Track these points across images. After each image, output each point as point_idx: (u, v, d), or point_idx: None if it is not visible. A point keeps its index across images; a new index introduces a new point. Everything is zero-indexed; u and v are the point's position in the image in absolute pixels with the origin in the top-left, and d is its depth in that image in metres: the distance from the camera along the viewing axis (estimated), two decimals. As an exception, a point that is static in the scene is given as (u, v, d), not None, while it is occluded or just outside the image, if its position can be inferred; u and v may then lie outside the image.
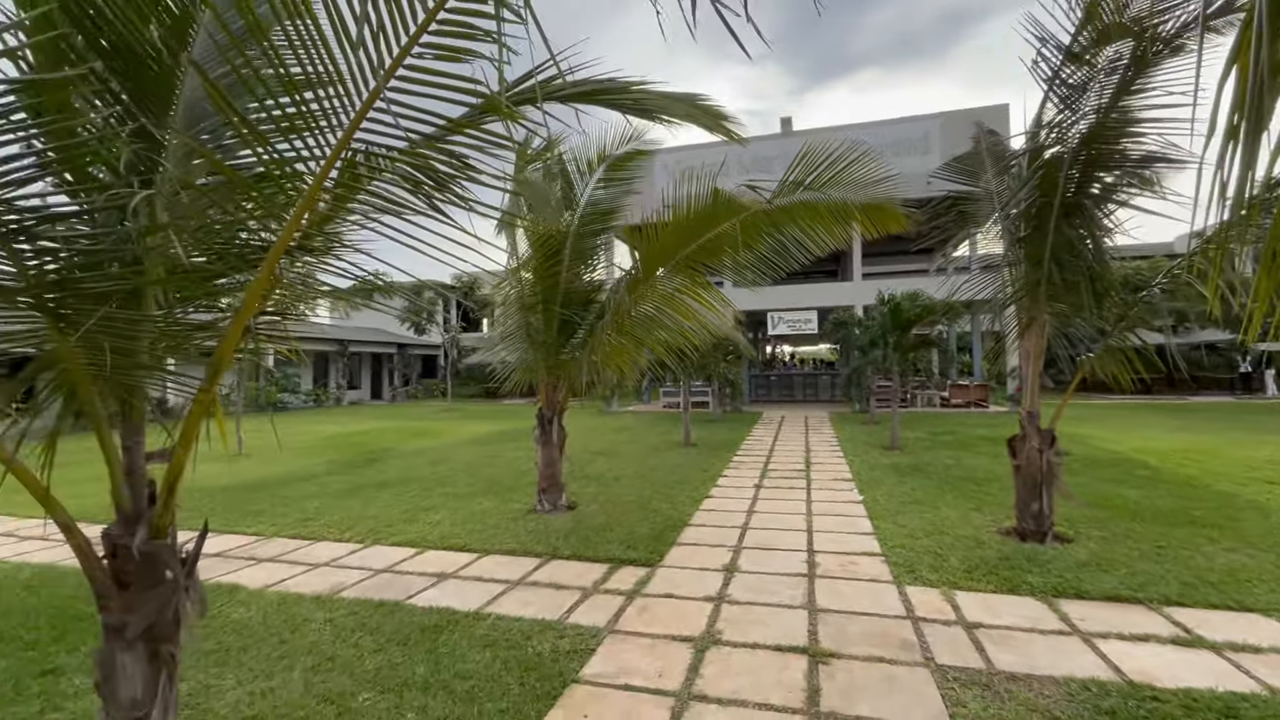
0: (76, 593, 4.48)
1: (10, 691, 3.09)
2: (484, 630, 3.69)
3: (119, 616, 2.38)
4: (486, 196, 2.87)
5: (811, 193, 5.22)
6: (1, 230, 1.86)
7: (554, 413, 6.95)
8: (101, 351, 2.16)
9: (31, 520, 6.90)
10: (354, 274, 2.56)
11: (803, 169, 5.10)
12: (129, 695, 2.39)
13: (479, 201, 2.33)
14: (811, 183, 5.17)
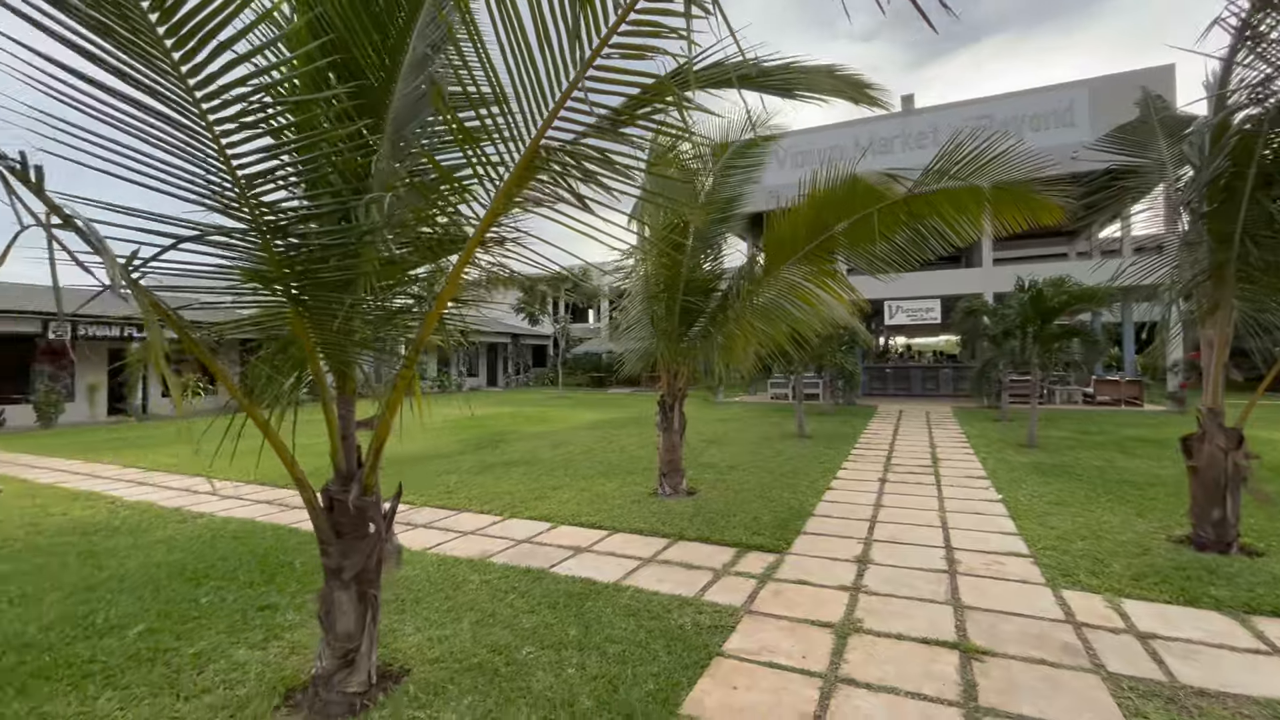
0: (274, 544, 5.21)
1: (240, 621, 3.67)
2: (625, 601, 3.89)
3: (337, 561, 2.75)
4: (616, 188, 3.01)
5: (956, 182, 4.93)
6: (265, 229, 2.21)
7: (675, 400, 7.09)
8: (327, 331, 2.50)
9: (224, 481, 8.04)
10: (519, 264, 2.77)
11: (948, 158, 4.83)
12: (344, 629, 2.76)
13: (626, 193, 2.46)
14: (957, 172, 4.88)
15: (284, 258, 2.34)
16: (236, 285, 2.40)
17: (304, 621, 3.66)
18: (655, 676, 2.95)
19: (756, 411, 16.85)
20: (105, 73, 1.85)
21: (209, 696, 2.85)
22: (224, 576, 4.42)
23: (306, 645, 3.35)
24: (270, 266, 2.33)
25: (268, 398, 2.92)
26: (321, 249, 2.40)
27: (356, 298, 2.66)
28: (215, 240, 2.19)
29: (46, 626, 3.62)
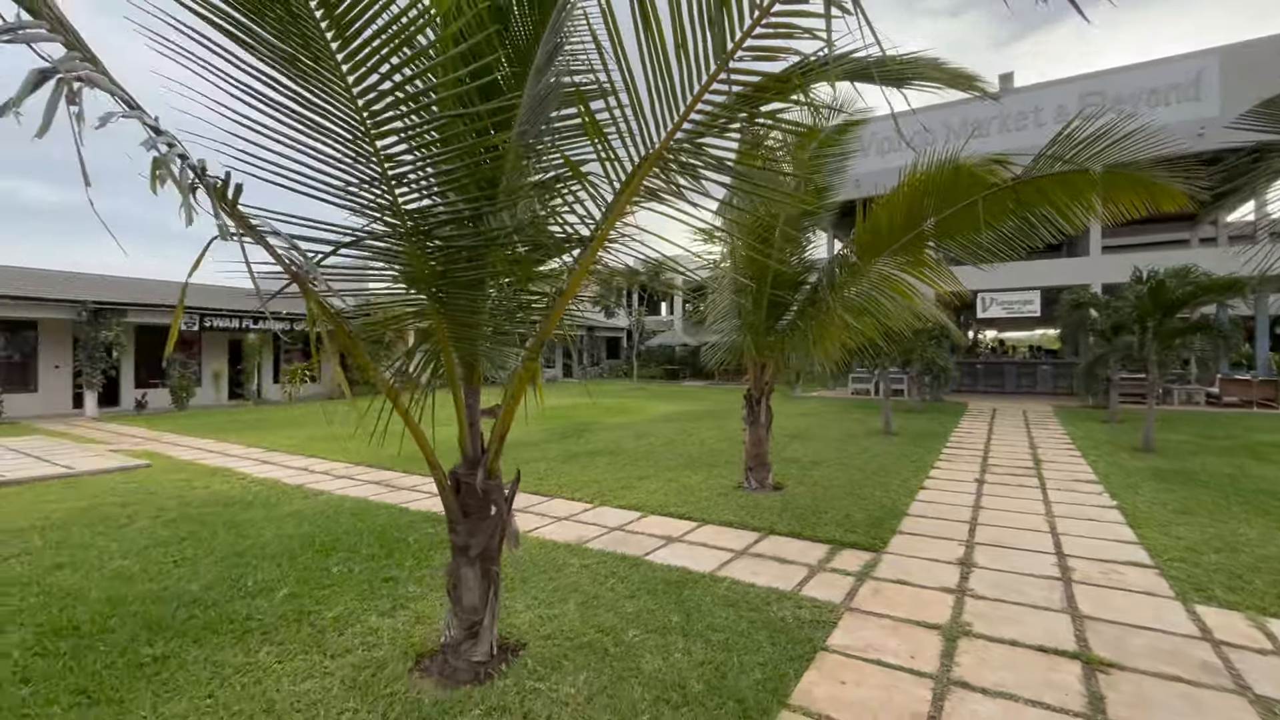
0: (388, 521, 5.62)
1: (368, 590, 4.01)
2: (723, 591, 3.96)
3: (464, 538, 2.95)
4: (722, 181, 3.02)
5: (1071, 166, 4.62)
6: (414, 234, 2.40)
7: (761, 394, 7.06)
8: (460, 326, 2.68)
9: (335, 462, 8.71)
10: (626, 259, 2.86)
11: (1064, 141, 4.53)
12: (470, 602, 2.96)
13: (737, 188, 2.49)
14: (1073, 156, 4.57)
15: (427, 260, 2.54)
16: (389, 285, 2.63)
17: (424, 594, 3.95)
18: (761, 666, 3.00)
19: (837, 407, 16.44)
20: (286, 98, 2.08)
21: (351, 656, 3.14)
22: (349, 549, 4.82)
23: (429, 615, 3.62)
24: (416, 268, 2.53)
25: (409, 386, 3.16)
26: (458, 251, 2.58)
27: (485, 295, 2.85)
28: (371, 245, 2.41)
29: (207, 586, 4.09)
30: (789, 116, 3.02)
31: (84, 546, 4.94)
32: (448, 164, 2.36)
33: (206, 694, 2.80)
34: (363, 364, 2.70)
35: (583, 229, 2.74)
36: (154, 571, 4.37)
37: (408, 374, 3.16)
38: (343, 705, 2.71)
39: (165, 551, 4.81)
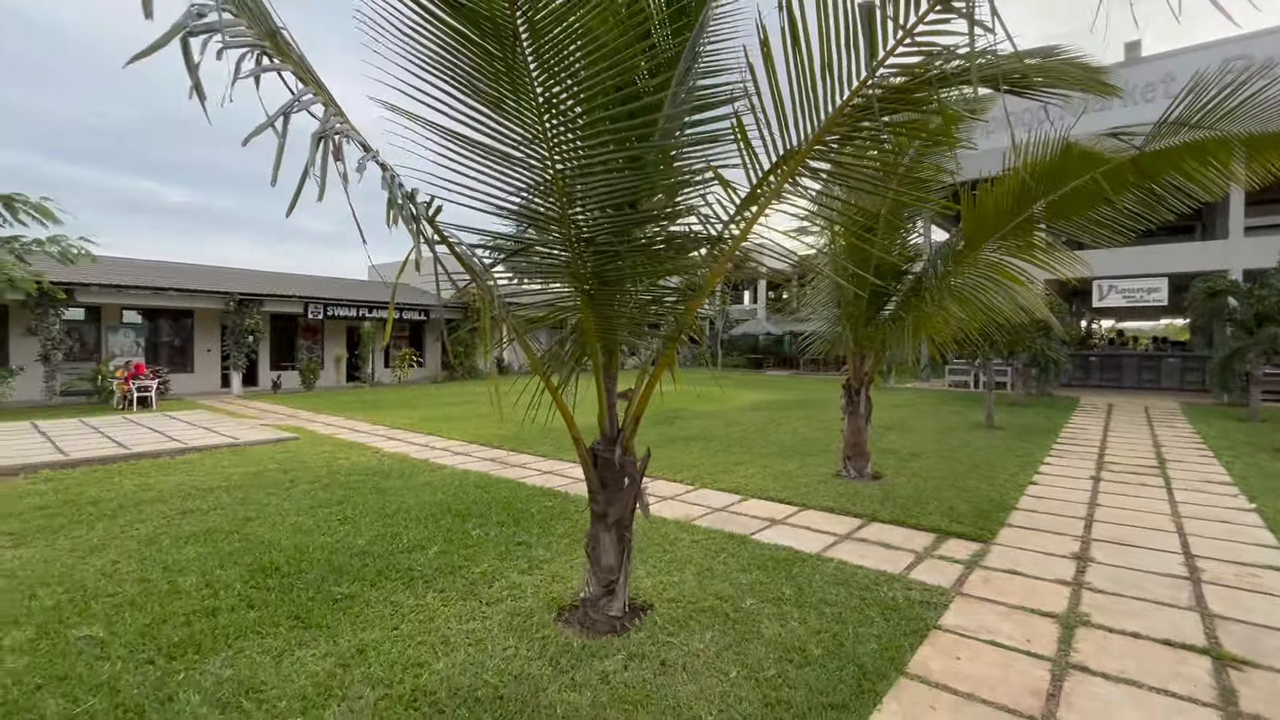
0: (509, 494, 6.17)
1: (506, 551, 4.50)
2: (831, 570, 4.15)
3: (603, 507, 3.32)
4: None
5: (1201, 132, 4.33)
6: (576, 240, 2.75)
7: (861, 384, 7.09)
8: (604, 319, 3.02)
9: (450, 440, 9.49)
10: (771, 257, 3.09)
11: (1189, 104, 4.23)
12: (607, 563, 3.33)
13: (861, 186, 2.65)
14: (1200, 120, 4.28)
15: (583, 262, 2.89)
16: (547, 283, 3.02)
17: (553, 557, 4.40)
18: (876, 638, 3.19)
19: (932, 399, 15.90)
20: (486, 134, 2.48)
21: (502, 605, 3.61)
22: (481, 516, 5.38)
23: (562, 575, 4.05)
24: (574, 269, 2.90)
25: (559, 371, 3.56)
26: (609, 253, 2.91)
27: (626, 290, 3.18)
28: (540, 250, 2.79)
29: (371, 541, 4.73)
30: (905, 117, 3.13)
31: (262, 504, 5.79)
32: (607, 183, 2.69)
33: (392, 626, 3.34)
34: (525, 348, 3.09)
35: (712, 230, 3.01)
36: (325, 527, 5.08)
37: (561, 361, 3.54)
38: (504, 642, 3.16)
39: (329, 512, 5.55)
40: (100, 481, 6.69)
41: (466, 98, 2.46)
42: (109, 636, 3.21)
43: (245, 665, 2.94)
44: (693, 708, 2.59)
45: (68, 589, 3.83)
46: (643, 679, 2.80)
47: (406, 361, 21.63)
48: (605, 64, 2.36)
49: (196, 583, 3.93)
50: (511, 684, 2.77)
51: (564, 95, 2.46)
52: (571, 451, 8.50)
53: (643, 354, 3.43)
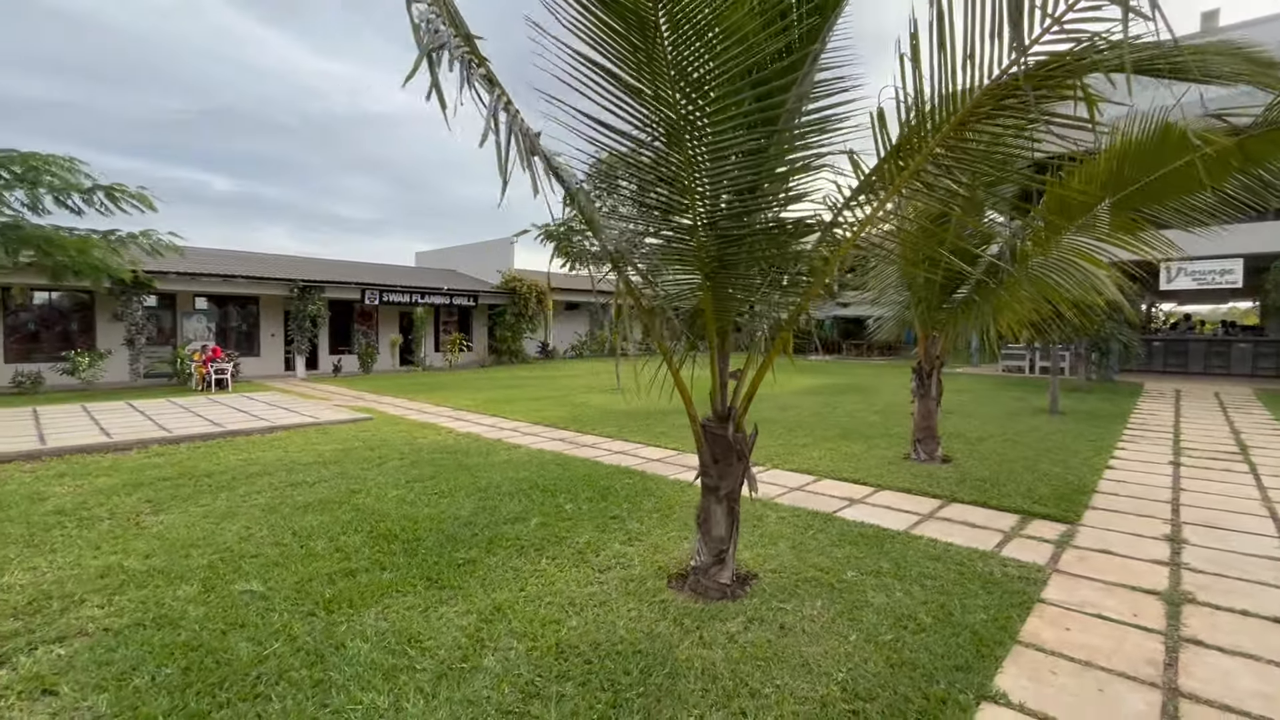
0: (588, 472, 6.42)
1: (602, 524, 4.74)
2: (922, 546, 4.27)
3: (715, 480, 3.50)
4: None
5: None
6: (704, 224, 2.90)
7: (931, 367, 7.10)
8: (722, 302, 3.17)
9: (517, 421, 9.82)
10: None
11: None
12: (718, 533, 3.51)
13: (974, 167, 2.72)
14: None
15: (707, 248, 3.05)
16: (676, 269, 3.19)
17: (649, 530, 4.61)
18: (984, 609, 3.31)
19: (987, 384, 15.64)
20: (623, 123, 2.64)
21: (614, 572, 3.84)
22: (569, 492, 5.64)
23: (663, 546, 4.26)
24: (698, 255, 3.05)
25: (679, 351, 3.73)
26: (731, 239, 3.06)
27: (742, 275, 3.32)
28: (667, 236, 2.96)
29: (472, 513, 5.02)
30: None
31: (360, 478, 6.16)
32: (735, 168, 2.83)
33: (518, 588, 3.60)
34: (652, 330, 3.27)
35: (826, 216, 3.13)
36: (425, 500, 5.41)
37: (680, 341, 3.70)
38: (626, 605, 3.38)
39: (424, 486, 5.89)
40: (206, 456, 7.19)
41: (611, 88, 2.62)
42: (268, 591, 3.55)
43: (397, 619, 3.23)
44: (821, 665, 2.76)
45: (215, 550, 4.21)
46: (767, 639, 2.99)
47: (457, 346, 22.21)
48: (737, 50, 2.49)
49: (327, 547, 4.27)
50: (645, 641, 2.98)
51: (698, 83, 2.59)
52: (637, 433, 8.73)
53: (758, 335, 3.57)
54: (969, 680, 2.65)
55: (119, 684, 2.64)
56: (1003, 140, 2.59)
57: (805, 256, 3.19)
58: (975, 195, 6.24)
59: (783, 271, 3.35)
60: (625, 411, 10.95)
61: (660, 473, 6.45)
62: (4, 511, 5.03)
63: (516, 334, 23.70)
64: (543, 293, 23.71)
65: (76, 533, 4.55)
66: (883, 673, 2.71)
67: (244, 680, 2.66)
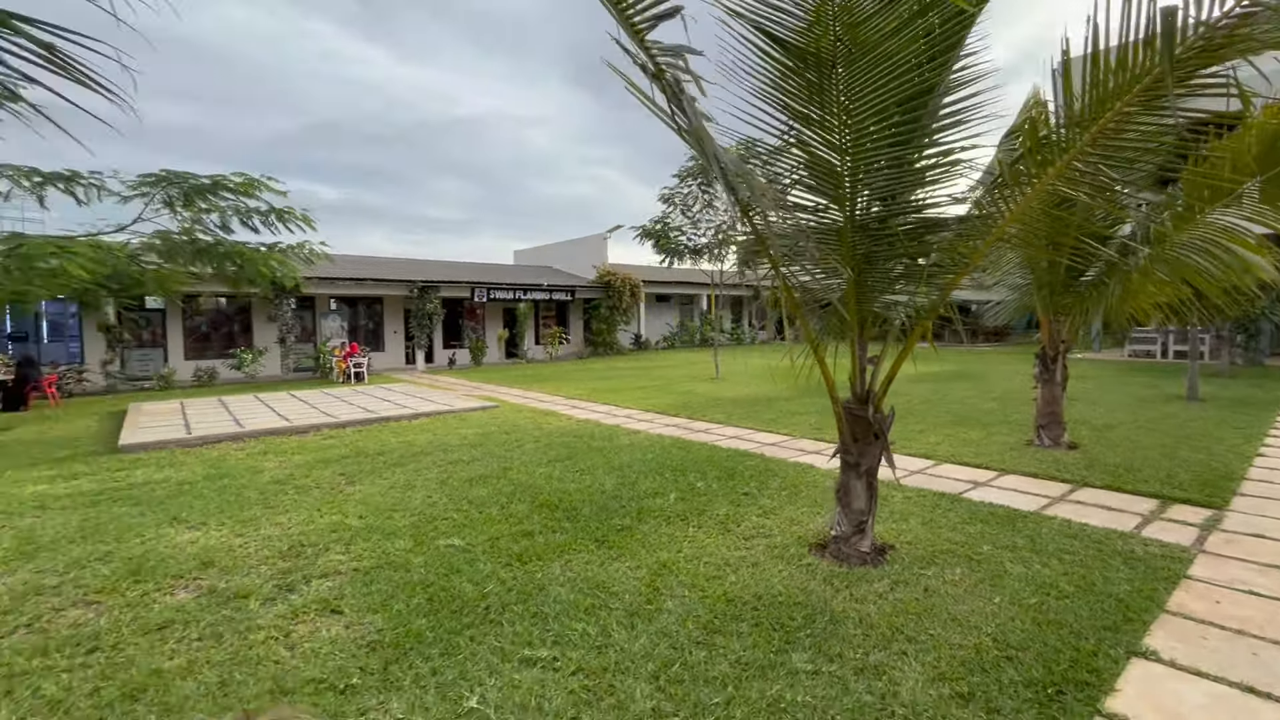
0: (709, 454, 6.87)
1: (735, 500, 5.17)
2: (1056, 526, 4.39)
3: (855, 458, 3.82)
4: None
5: None
6: (855, 225, 3.23)
7: (1056, 351, 6.98)
8: (864, 292, 3.48)
9: (630, 409, 10.42)
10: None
11: None
12: (858, 506, 3.84)
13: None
14: None
15: (857, 242, 3.38)
16: (824, 266, 3.55)
17: (780, 506, 4.99)
18: (1128, 580, 3.46)
19: (1111, 370, 14.70)
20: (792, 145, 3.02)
21: (757, 540, 4.26)
22: (696, 472, 6.11)
23: (797, 519, 4.63)
24: (844, 249, 3.40)
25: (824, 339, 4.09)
26: (877, 234, 3.38)
27: (883, 266, 3.62)
28: (822, 234, 3.32)
29: (616, 488, 5.60)
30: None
31: (507, 458, 6.92)
32: (885, 176, 3.15)
33: (676, 550, 4.10)
34: (801, 320, 3.65)
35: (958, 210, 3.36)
36: (569, 477, 6.05)
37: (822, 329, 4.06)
38: (774, 566, 3.79)
39: (564, 465, 6.55)
40: (370, 438, 8.26)
41: (782, 115, 3.02)
42: (467, 546, 4.25)
43: (579, 570, 3.81)
44: (970, 620, 3.06)
45: (410, 514, 5.00)
46: (914, 598, 3.31)
47: (557, 339, 23.33)
48: (896, 82, 2.81)
49: (500, 513, 4.96)
50: (800, 595, 3.39)
51: (860, 107, 2.94)
52: (745, 420, 9.09)
53: (896, 323, 3.85)
54: (1117, 639, 2.86)
55: (384, 608, 3.36)
56: (1153, 136, 2.74)
57: (948, 248, 3.44)
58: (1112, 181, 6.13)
59: (921, 263, 3.61)
60: (730, 399, 11.31)
61: (778, 455, 6.80)
62: (236, 481, 6.14)
63: (611, 326, 24.53)
64: (636, 286, 24.39)
65: (298, 498, 5.52)
66: (1030, 630, 2.97)
67: (476, 610, 3.31)
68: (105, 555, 4.19)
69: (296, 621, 3.24)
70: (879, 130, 3.21)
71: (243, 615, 3.31)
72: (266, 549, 4.27)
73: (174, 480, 6.20)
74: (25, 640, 3.11)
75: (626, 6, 2.47)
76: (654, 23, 2.50)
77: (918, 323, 3.62)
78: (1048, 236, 4.72)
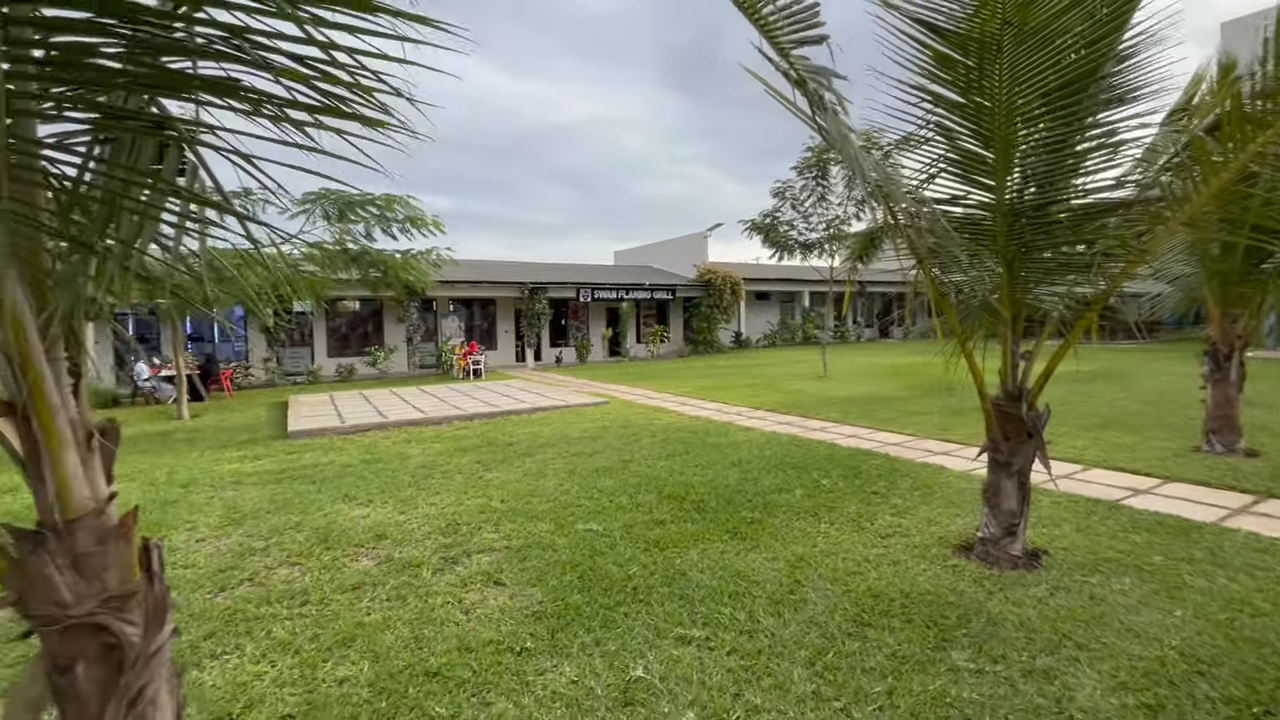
0: (829, 453, 6.76)
1: (863, 498, 5.08)
2: (1241, 539, 3.97)
3: (1006, 456, 3.66)
4: None
5: None
6: (1009, 212, 3.10)
7: (1231, 348, 6.26)
8: (1017, 286, 3.32)
9: (738, 406, 10.41)
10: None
11: None
12: (1008, 507, 3.67)
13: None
14: None
15: (1013, 236, 3.26)
16: (976, 254, 3.46)
17: (914, 506, 4.85)
18: (1340, 602, 3.09)
19: (1275, 368, 12.85)
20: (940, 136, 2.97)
21: (894, 539, 4.18)
22: (818, 469, 6.05)
23: (934, 520, 4.49)
24: (1001, 243, 3.28)
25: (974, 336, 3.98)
26: (1037, 222, 3.23)
27: (1038, 260, 3.45)
28: (975, 229, 3.23)
29: (739, 483, 5.66)
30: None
31: (625, 451, 7.17)
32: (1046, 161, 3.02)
33: (810, 544, 4.11)
34: (949, 317, 3.56)
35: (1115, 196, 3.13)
36: (689, 470, 6.18)
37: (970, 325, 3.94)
38: (916, 565, 3.72)
39: (682, 460, 6.69)
40: (497, 430, 8.82)
41: (927, 103, 2.97)
42: (605, 531, 4.49)
43: (716, 558, 3.92)
44: (1149, 632, 2.87)
45: (546, 499, 5.33)
46: (1079, 605, 3.14)
47: (658, 337, 23.66)
48: (1061, 62, 2.69)
49: (629, 502, 5.18)
50: (950, 594, 3.31)
51: (1021, 91, 2.84)
52: (861, 419, 8.84)
53: (1053, 316, 3.66)
54: (1334, 663, 2.58)
55: (540, 582, 3.64)
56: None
57: (1115, 235, 3.23)
58: None
59: (1083, 251, 3.41)
60: (842, 398, 11.02)
61: (904, 455, 6.58)
62: (389, 465, 6.80)
63: (712, 324, 24.52)
64: (737, 284, 24.21)
65: (444, 482, 6.03)
66: (1223, 646, 2.74)
67: (624, 589, 3.51)
68: (297, 525, 4.81)
69: (466, 590, 3.58)
70: (1039, 113, 3.09)
71: (419, 582, 3.71)
72: (427, 525, 4.73)
73: (337, 463, 6.97)
74: (251, 592, 3.66)
75: (773, 28, 2.55)
76: (798, 45, 2.58)
77: (1080, 316, 3.42)
78: (1232, 219, 4.26)
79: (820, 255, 15.19)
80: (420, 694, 2.57)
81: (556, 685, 2.61)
